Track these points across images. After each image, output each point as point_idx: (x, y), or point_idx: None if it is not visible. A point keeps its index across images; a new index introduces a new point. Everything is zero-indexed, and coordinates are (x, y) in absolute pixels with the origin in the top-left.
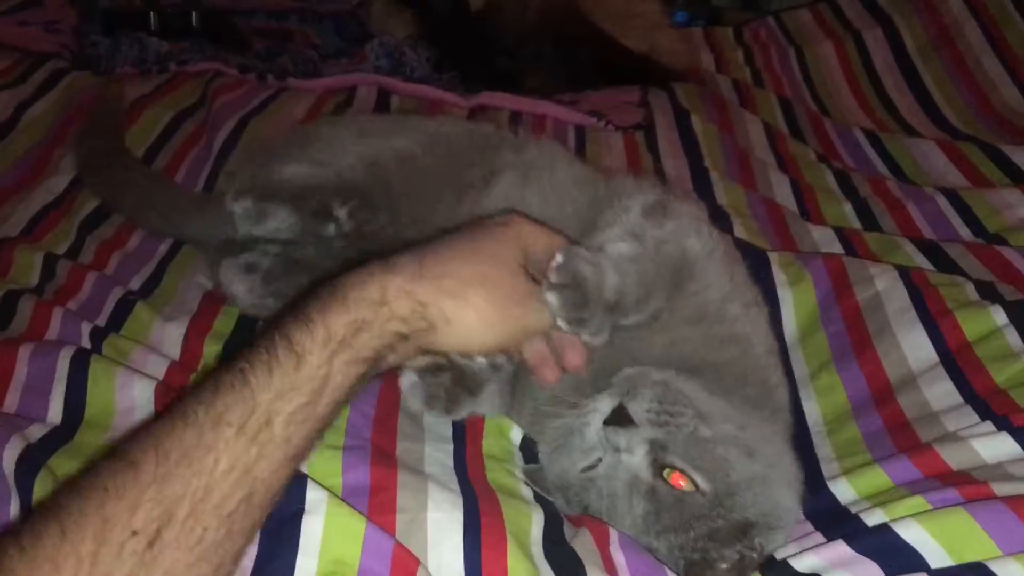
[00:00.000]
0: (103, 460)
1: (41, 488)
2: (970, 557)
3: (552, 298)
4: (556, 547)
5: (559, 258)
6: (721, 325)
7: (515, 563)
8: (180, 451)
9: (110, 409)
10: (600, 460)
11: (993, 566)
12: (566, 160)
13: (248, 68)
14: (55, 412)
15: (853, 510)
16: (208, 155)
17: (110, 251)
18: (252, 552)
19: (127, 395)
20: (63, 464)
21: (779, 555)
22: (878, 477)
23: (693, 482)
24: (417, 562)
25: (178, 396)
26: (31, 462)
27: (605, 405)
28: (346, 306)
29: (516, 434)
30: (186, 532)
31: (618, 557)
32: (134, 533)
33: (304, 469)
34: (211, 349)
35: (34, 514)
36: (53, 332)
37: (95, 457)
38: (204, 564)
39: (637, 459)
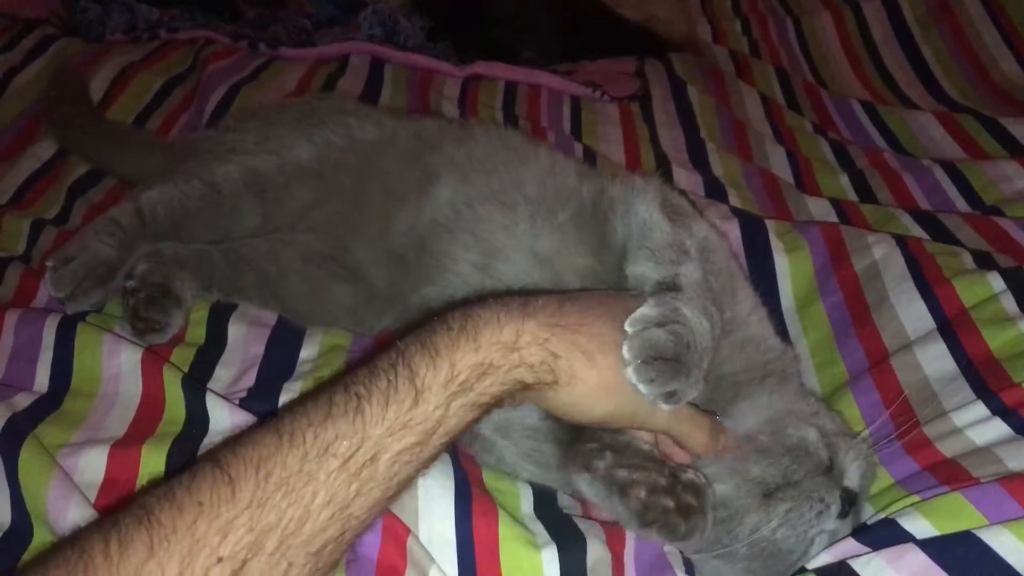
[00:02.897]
0: (202, 464)
1: (27, 456)
2: (958, 528)
3: (634, 378)
4: (550, 513)
5: (628, 327)
6: (744, 328)
7: (507, 529)
8: (281, 475)
9: (96, 376)
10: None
11: (980, 534)
12: (520, 150)
13: (239, 36)
14: (42, 379)
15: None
16: (198, 122)
17: (98, 215)
18: None
19: (113, 362)
20: (50, 432)
21: None
22: (881, 478)
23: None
24: (407, 530)
25: (289, 407)
26: (16, 431)
27: (835, 497)
28: (477, 346)
29: None
30: (271, 566)
31: (629, 537)
32: (220, 560)
33: None
34: (198, 315)
35: (124, 515)
36: (40, 301)
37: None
38: None
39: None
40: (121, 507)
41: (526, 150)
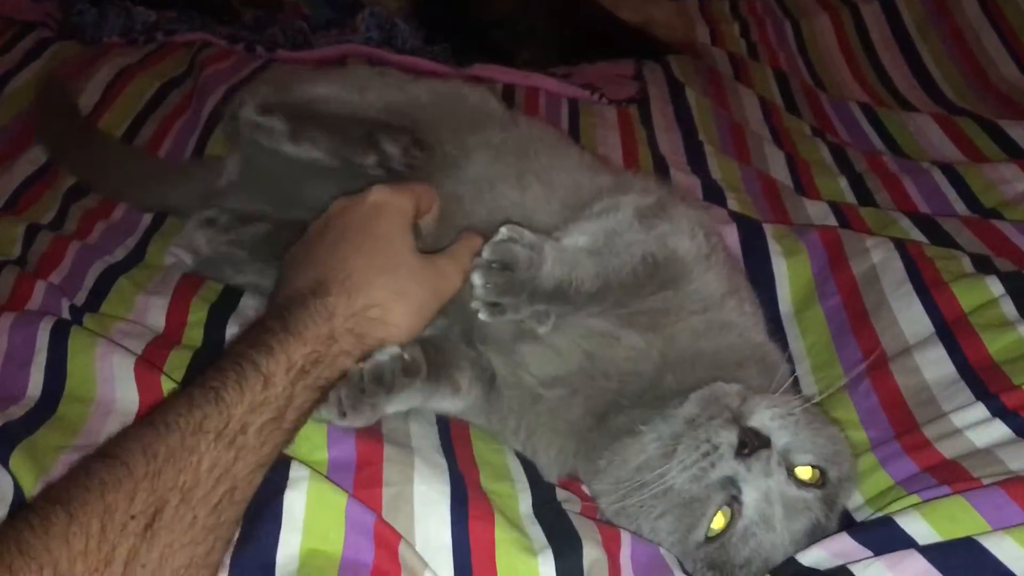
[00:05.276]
0: (92, 460)
1: (17, 462)
2: (960, 533)
3: (476, 278)
4: (549, 513)
5: (500, 233)
6: (720, 312)
7: (503, 534)
8: (166, 452)
9: (91, 379)
10: (733, 515)
11: (983, 540)
12: (558, 145)
13: (236, 39)
14: (35, 383)
15: (858, 517)
16: (195, 126)
17: (94, 221)
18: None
19: (107, 364)
20: (49, 435)
21: None
22: (881, 479)
23: (824, 474)
24: (399, 536)
25: (151, 409)
26: (7, 436)
27: (724, 436)
28: (302, 341)
29: None
30: (179, 517)
31: (625, 540)
32: (133, 517)
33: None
34: (197, 317)
35: (33, 505)
36: (34, 305)
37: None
38: (197, 545)
39: (782, 477)
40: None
41: (562, 144)
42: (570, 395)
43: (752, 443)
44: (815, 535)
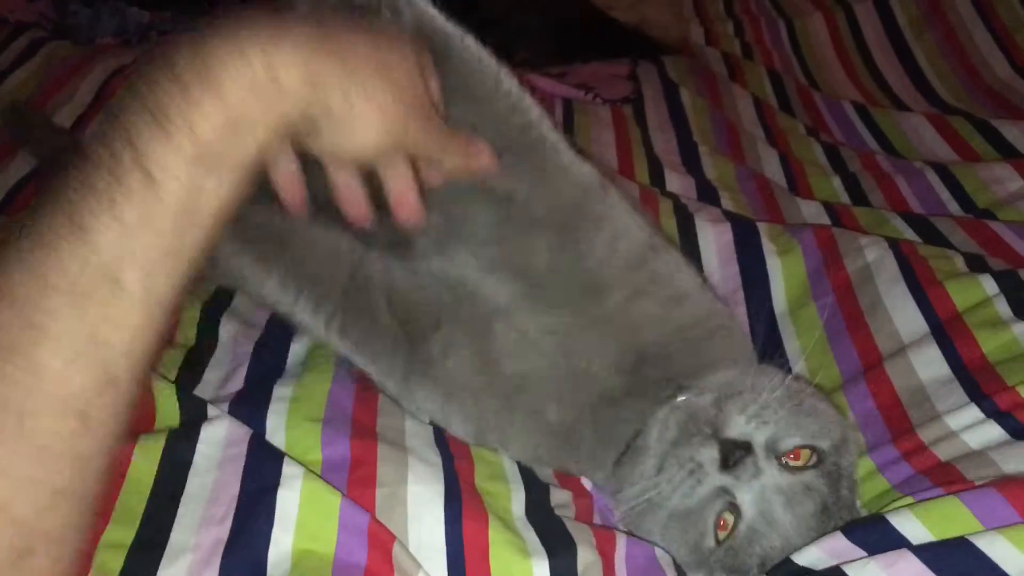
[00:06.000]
0: None
1: None
2: (954, 534)
3: None
4: (541, 515)
5: None
6: (664, 288)
7: (497, 535)
8: None
9: None
10: (735, 519)
11: (976, 540)
12: None
13: None
14: None
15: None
16: None
17: None
18: (227, 523)
19: None
20: None
21: None
22: (878, 483)
23: (815, 450)
24: (393, 537)
25: None
26: None
27: (705, 454)
28: (220, 97)
29: None
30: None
31: (620, 541)
32: None
33: (280, 444)
34: (189, 315)
35: None
36: None
37: None
38: (48, 465)
39: (773, 470)
40: None
41: None
42: (543, 401)
43: (734, 455)
44: (827, 512)
